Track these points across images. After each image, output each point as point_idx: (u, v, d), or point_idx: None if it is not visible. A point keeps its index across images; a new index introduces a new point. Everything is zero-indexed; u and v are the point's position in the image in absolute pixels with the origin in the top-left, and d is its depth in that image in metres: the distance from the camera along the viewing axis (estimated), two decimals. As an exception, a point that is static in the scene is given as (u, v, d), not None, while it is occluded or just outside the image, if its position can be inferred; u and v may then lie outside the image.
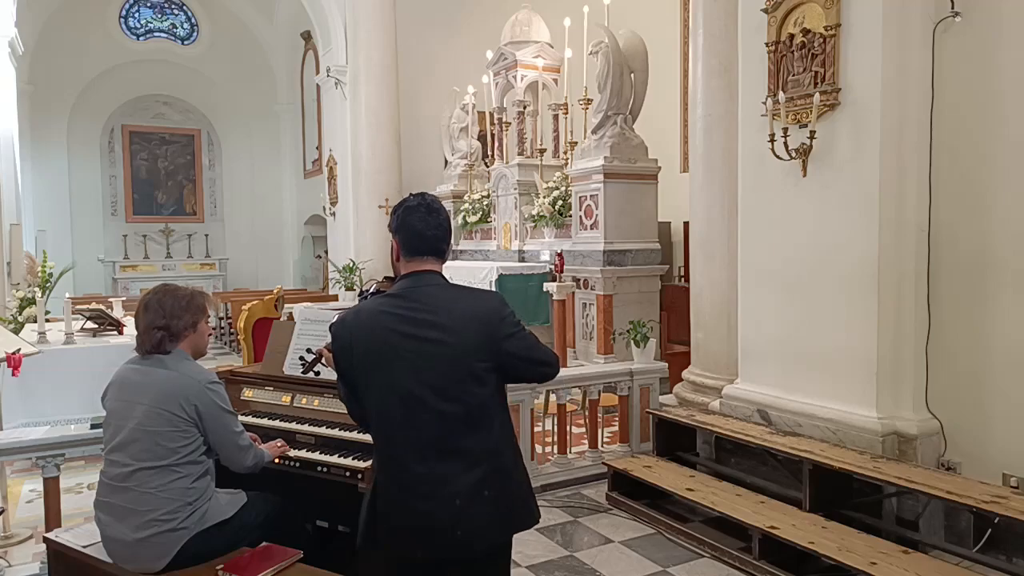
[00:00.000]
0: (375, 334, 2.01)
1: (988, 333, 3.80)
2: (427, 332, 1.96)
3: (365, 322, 2.04)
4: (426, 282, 2.05)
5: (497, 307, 2.04)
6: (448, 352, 1.96)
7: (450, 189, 10.19)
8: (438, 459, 1.96)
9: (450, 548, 1.97)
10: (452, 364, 1.96)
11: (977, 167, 3.82)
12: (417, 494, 1.96)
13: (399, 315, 2.00)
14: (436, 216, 2.09)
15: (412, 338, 1.97)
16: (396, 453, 2.00)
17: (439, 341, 1.96)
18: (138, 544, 2.46)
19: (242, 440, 2.65)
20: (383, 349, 1.99)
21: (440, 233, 2.09)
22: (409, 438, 1.98)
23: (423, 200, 2.11)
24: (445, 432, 1.96)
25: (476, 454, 1.98)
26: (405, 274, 2.08)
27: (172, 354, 2.61)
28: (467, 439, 1.97)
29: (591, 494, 4.76)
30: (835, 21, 4.03)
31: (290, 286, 16.22)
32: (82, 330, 6.62)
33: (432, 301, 2.01)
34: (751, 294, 4.78)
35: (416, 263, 2.08)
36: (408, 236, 2.08)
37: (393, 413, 1.99)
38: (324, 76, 12.22)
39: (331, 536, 3.13)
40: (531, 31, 9.04)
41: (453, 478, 1.95)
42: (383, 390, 2.00)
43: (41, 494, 3.63)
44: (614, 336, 6.57)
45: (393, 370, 1.98)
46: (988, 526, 3.29)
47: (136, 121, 16.90)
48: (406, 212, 2.09)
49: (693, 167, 5.93)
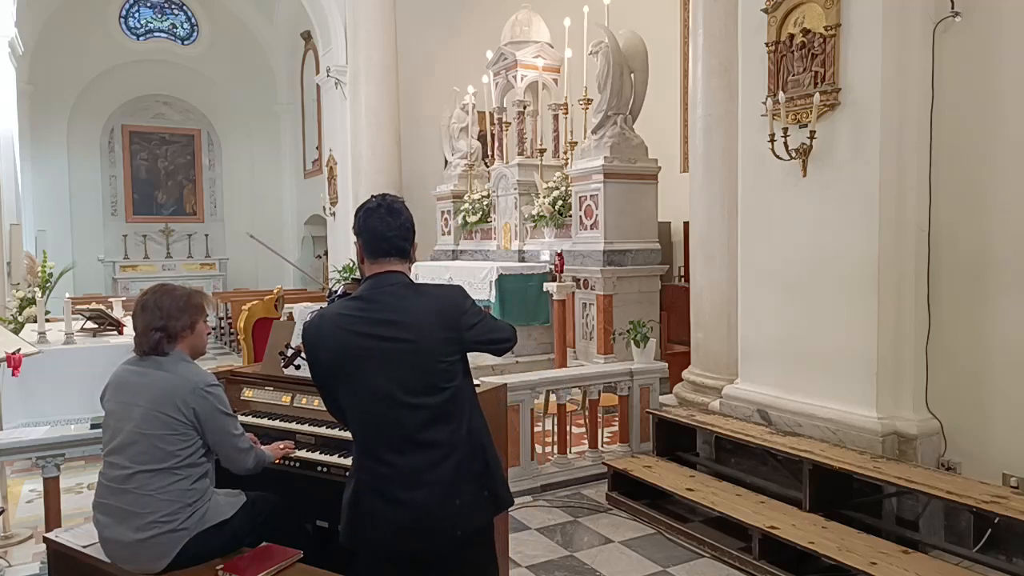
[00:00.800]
0: (337, 338, 2.05)
1: (988, 333, 3.80)
2: (388, 331, 2.01)
3: (327, 327, 2.08)
4: (387, 283, 2.08)
5: (457, 301, 2.09)
6: (411, 349, 2.00)
7: (450, 189, 10.19)
8: (415, 451, 2.00)
9: (436, 534, 2.01)
10: (417, 361, 2.01)
11: (977, 167, 3.82)
12: (399, 485, 2.00)
13: (360, 317, 2.04)
14: (397, 217, 2.12)
15: (374, 338, 2.01)
16: (373, 448, 2.05)
17: (401, 339, 2.00)
18: (138, 545, 2.45)
19: (242, 443, 2.64)
20: (347, 351, 2.03)
21: (400, 233, 2.11)
22: (385, 433, 2.02)
23: (383, 201, 2.13)
24: (419, 425, 2.01)
25: (452, 442, 2.03)
26: (368, 276, 2.12)
27: (170, 355, 2.59)
28: (441, 430, 2.02)
29: (591, 494, 4.77)
30: (835, 21, 4.03)
31: (290, 286, 16.21)
32: (82, 330, 6.62)
33: (393, 301, 2.05)
34: (751, 294, 4.78)
35: (379, 264, 2.11)
36: (369, 238, 2.12)
37: (367, 410, 2.04)
38: (324, 76, 12.22)
39: (331, 536, 3.12)
40: (531, 31, 9.03)
41: (432, 467, 2.00)
42: (354, 389, 2.05)
43: (41, 494, 3.63)
44: (614, 336, 6.58)
45: (360, 370, 2.02)
46: (988, 526, 3.29)
47: (136, 121, 16.90)
48: (366, 215, 2.13)
49: (693, 167, 5.92)
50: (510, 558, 3.55)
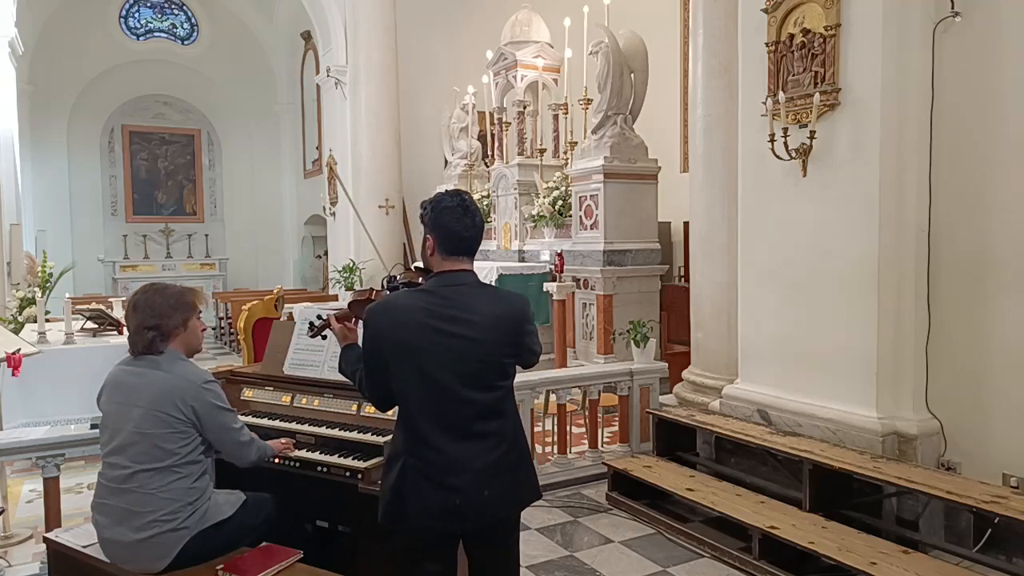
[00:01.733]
0: (409, 326, 2.12)
1: (988, 333, 3.80)
2: (459, 329, 2.11)
3: (400, 314, 2.15)
4: (461, 281, 2.18)
5: (524, 310, 2.26)
6: (478, 348, 2.12)
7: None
8: (465, 440, 2.12)
9: (474, 518, 2.14)
10: (481, 359, 2.13)
11: (977, 167, 3.82)
12: (447, 471, 2.10)
13: (433, 311, 2.12)
14: (472, 217, 2.20)
15: (444, 333, 2.10)
16: (426, 435, 2.12)
17: (470, 338, 2.11)
18: (139, 545, 2.45)
19: (242, 436, 2.65)
20: (416, 340, 2.11)
21: (475, 233, 2.21)
22: (438, 421, 2.11)
23: (460, 201, 2.20)
24: (471, 417, 2.13)
25: (498, 435, 2.17)
26: (440, 271, 2.20)
27: (165, 354, 2.59)
28: (491, 423, 2.16)
29: (591, 494, 4.77)
30: (835, 21, 4.03)
31: (290, 286, 16.22)
32: (82, 330, 6.62)
33: (465, 300, 2.15)
34: (751, 294, 4.78)
35: (451, 262, 2.19)
36: (445, 236, 2.18)
37: (423, 398, 2.12)
38: (324, 76, 12.21)
39: (331, 536, 3.13)
40: (531, 31, 9.03)
41: (479, 456, 2.13)
42: (414, 376, 2.12)
43: (41, 494, 3.63)
44: (614, 336, 6.57)
45: (424, 360, 2.10)
46: (988, 526, 3.29)
47: (136, 121, 16.88)
48: (443, 213, 2.18)
49: (693, 167, 5.92)
50: (510, 558, 3.56)
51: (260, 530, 2.73)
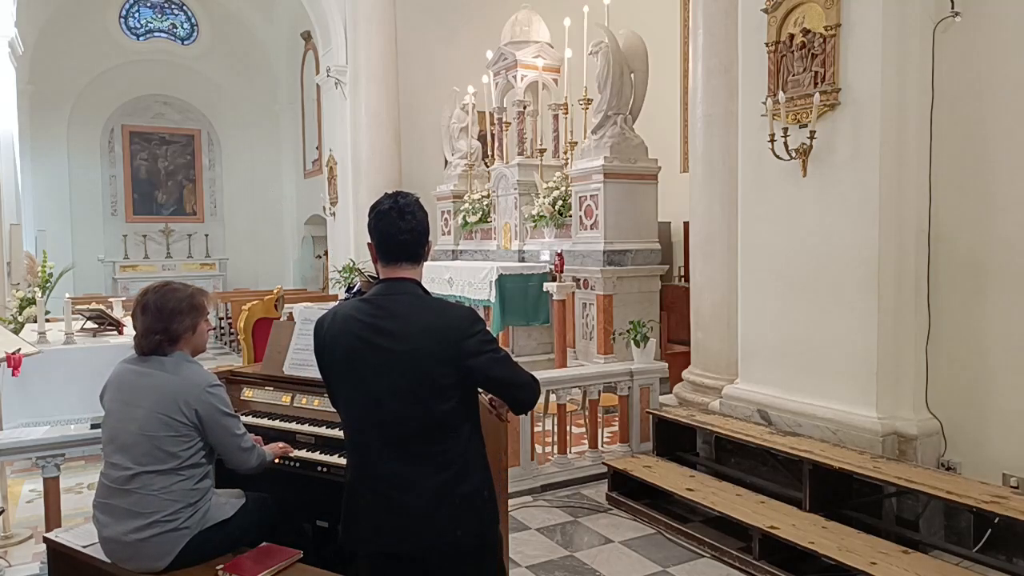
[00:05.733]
0: (344, 337, 2.03)
1: (988, 333, 3.80)
2: (382, 340, 1.97)
3: (338, 324, 2.06)
4: (396, 290, 2.03)
5: (460, 324, 1.98)
6: (399, 361, 1.95)
7: (450, 189, 10.20)
8: (404, 461, 1.98)
9: (423, 540, 1.97)
10: (405, 374, 1.95)
11: (977, 167, 3.82)
12: (391, 486, 1.98)
13: (364, 321, 2.00)
14: (409, 220, 2.02)
15: (372, 345, 1.98)
16: (365, 450, 2.03)
17: (396, 351, 1.95)
18: (140, 544, 2.45)
19: (244, 442, 2.63)
20: (350, 352, 2.01)
21: (412, 238, 2.03)
22: (376, 436, 2.00)
23: (395, 203, 2.03)
24: (408, 436, 1.97)
25: (440, 461, 1.98)
26: (381, 279, 2.08)
27: (172, 356, 2.57)
28: (433, 446, 1.98)
29: (591, 494, 4.77)
30: (835, 21, 4.03)
31: (290, 286, 16.22)
32: (82, 330, 6.62)
33: (397, 310, 2.00)
34: (751, 294, 4.78)
35: (391, 269, 2.05)
36: (380, 241, 2.04)
37: (360, 412, 2.03)
38: (324, 76, 12.22)
39: (331, 536, 3.13)
40: (531, 31, 9.03)
41: (419, 480, 1.97)
42: (353, 390, 2.03)
43: (41, 494, 3.62)
44: (614, 336, 6.57)
45: (359, 373, 2.00)
46: (988, 526, 3.29)
47: (136, 121, 16.90)
48: (377, 217, 2.04)
49: (693, 167, 5.92)
50: (510, 558, 3.55)
51: (260, 530, 2.73)
